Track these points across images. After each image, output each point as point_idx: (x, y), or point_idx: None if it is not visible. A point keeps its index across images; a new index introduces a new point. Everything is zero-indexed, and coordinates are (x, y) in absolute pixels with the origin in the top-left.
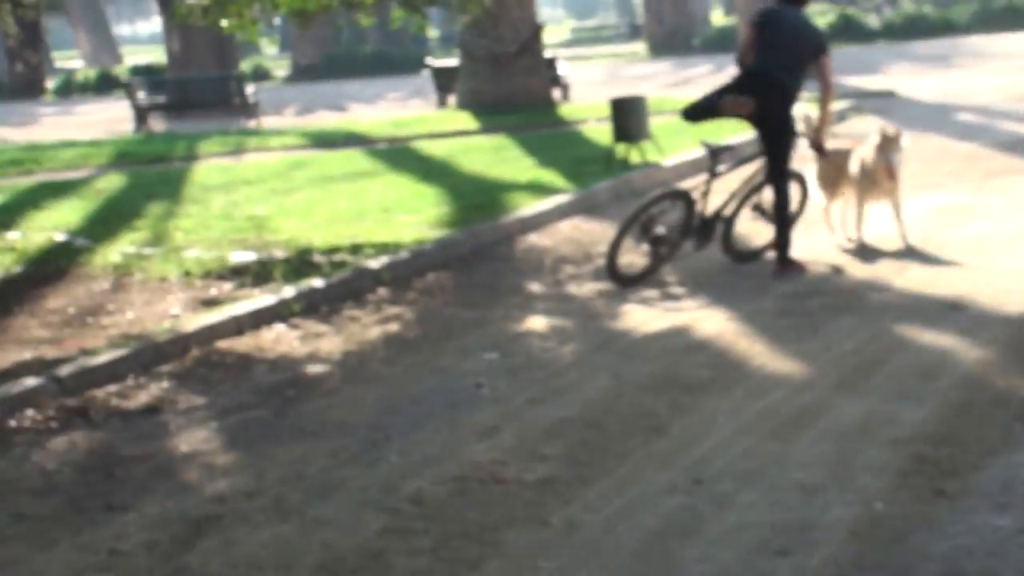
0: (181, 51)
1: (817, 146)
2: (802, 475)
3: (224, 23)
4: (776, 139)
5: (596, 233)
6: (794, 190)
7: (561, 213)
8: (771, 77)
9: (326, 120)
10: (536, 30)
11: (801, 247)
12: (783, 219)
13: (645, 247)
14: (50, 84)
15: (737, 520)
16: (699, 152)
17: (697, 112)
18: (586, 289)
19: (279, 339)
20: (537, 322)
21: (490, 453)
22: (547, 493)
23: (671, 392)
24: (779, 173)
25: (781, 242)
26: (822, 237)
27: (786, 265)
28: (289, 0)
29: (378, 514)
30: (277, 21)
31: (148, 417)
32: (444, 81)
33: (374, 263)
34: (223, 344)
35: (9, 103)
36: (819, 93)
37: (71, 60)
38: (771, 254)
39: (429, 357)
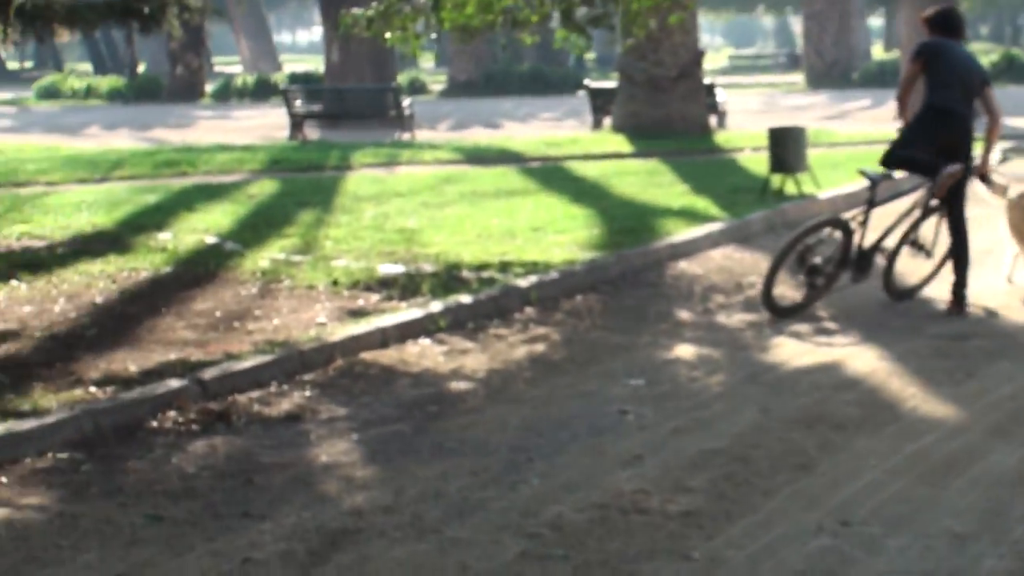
0: (340, 61)
1: (981, 175)
2: (954, 523)
3: (388, 36)
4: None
5: (748, 263)
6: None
7: (713, 241)
8: (954, 114)
9: (480, 136)
10: (697, 56)
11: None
12: (962, 258)
13: (801, 278)
14: (209, 88)
15: (885, 566)
16: (856, 186)
17: (898, 163)
18: (736, 319)
19: (424, 353)
20: (685, 350)
21: (633, 482)
22: (690, 526)
23: (820, 429)
24: (959, 210)
25: (960, 280)
26: (979, 280)
27: (961, 304)
28: (453, 16)
29: (517, 538)
30: (433, 36)
31: (289, 425)
32: (600, 103)
33: (522, 282)
34: (367, 355)
35: (168, 105)
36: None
37: (230, 65)
38: (926, 291)
39: (574, 380)
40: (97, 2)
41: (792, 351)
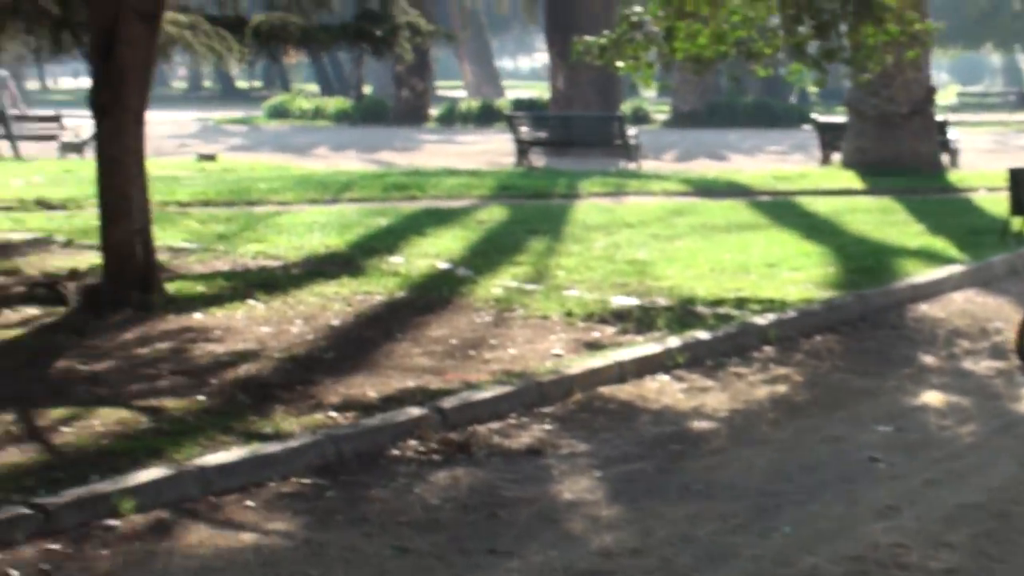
0: (565, 89)
1: None
2: None
3: (620, 64)
4: None
5: (992, 308)
6: None
7: (954, 284)
8: None
9: (705, 168)
10: (929, 92)
11: None
12: None
13: None
14: (433, 112)
15: None
16: None
17: None
18: (983, 366)
19: (662, 390)
20: (933, 397)
21: (890, 535)
22: None
23: None
24: None
25: None
26: None
27: None
28: (686, 46)
29: None
30: (660, 65)
31: (530, 459)
32: (829, 137)
33: (760, 320)
34: (605, 390)
35: (393, 127)
36: None
37: (453, 90)
38: None
39: (819, 423)
40: (331, 24)
41: None
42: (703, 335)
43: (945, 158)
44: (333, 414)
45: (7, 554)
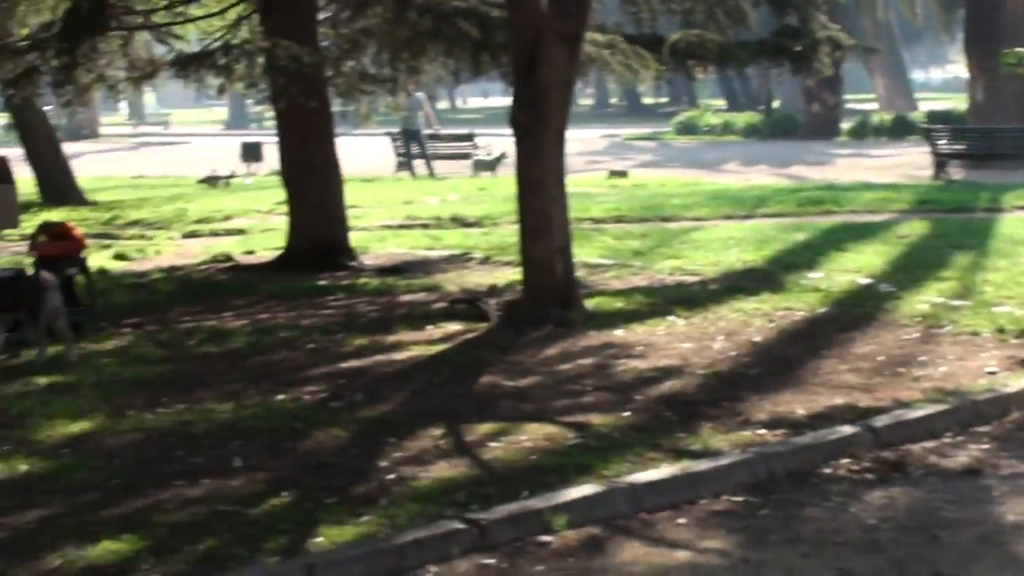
0: (984, 101)
1: None
2: None
3: None
4: None
5: None
6: None
7: None
8: None
9: None
10: None
11: None
12: None
13: None
14: (844, 125)
15: None
16: None
17: None
18: None
19: None
20: None
21: None
22: None
23: None
24: None
25: None
26: None
27: None
28: None
29: None
30: None
31: (968, 479)
32: None
33: None
34: None
35: (803, 142)
36: None
37: (862, 103)
38: None
39: None
40: (748, 41)
41: None
42: None
43: None
44: (761, 431)
45: (443, 567)
